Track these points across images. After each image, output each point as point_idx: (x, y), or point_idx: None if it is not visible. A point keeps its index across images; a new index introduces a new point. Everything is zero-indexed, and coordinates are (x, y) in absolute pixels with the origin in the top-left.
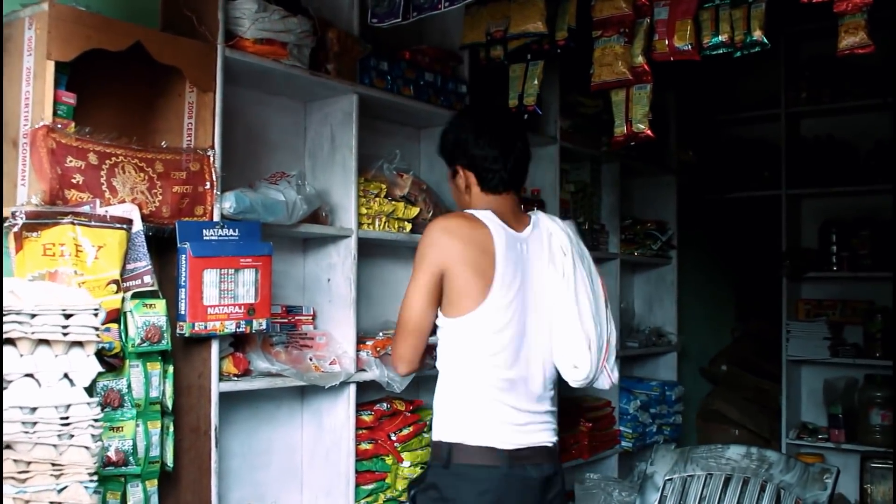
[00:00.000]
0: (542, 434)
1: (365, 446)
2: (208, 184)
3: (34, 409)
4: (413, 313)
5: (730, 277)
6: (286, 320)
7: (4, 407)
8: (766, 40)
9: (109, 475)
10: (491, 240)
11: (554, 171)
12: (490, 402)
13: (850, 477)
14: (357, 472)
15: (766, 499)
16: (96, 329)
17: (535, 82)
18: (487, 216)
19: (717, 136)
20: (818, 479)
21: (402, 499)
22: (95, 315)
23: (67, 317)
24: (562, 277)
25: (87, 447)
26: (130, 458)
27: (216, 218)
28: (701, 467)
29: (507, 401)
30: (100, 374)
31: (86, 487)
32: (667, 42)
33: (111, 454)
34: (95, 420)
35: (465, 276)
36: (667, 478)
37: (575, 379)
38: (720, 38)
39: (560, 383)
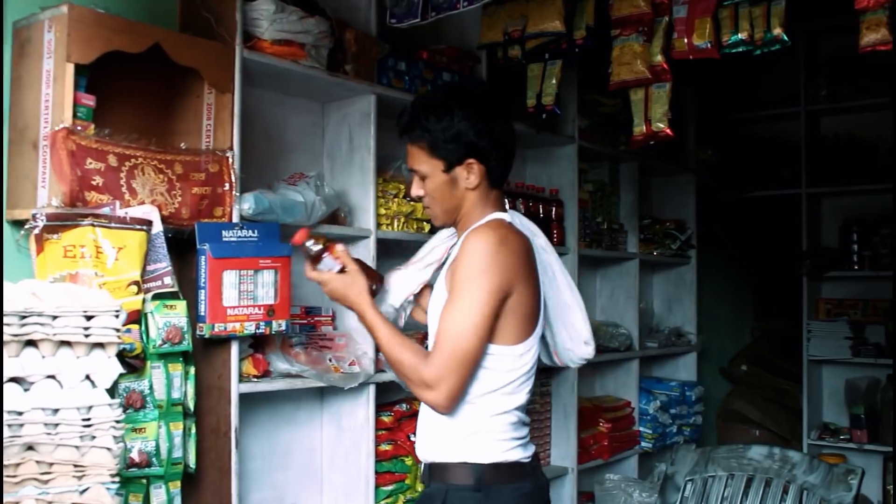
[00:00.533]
0: (532, 440)
1: (385, 447)
2: (227, 185)
3: (56, 411)
4: (477, 344)
5: (749, 277)
6: (305, 321)
7: (27, 408)
8: (786, 38)
9: (131, 477)
10: (532, 249)
11: (572, 170)
12: (516, 421)
13: (872, 478)
14: (377, 472)
15: (790, 500)
16: (117, 330)
17: (554, 82)
18: (512, 219)
19: (736, 135)
20: (842, 480)
21: None
22: (117, 316)
23: (89, 318)
24: (554, 260)
25: (108, 448)
26: (154, 460)
27: (235, 219)
28: (722, 468)
29: (522, 417)
30: (121, 375)
31: (108, 489)
32: (686, 40)
33: (134, 455)
34: (117, 421)
35: (527, 297)
36: (688, 478)
37: (586, 356)
38: (740, 35)
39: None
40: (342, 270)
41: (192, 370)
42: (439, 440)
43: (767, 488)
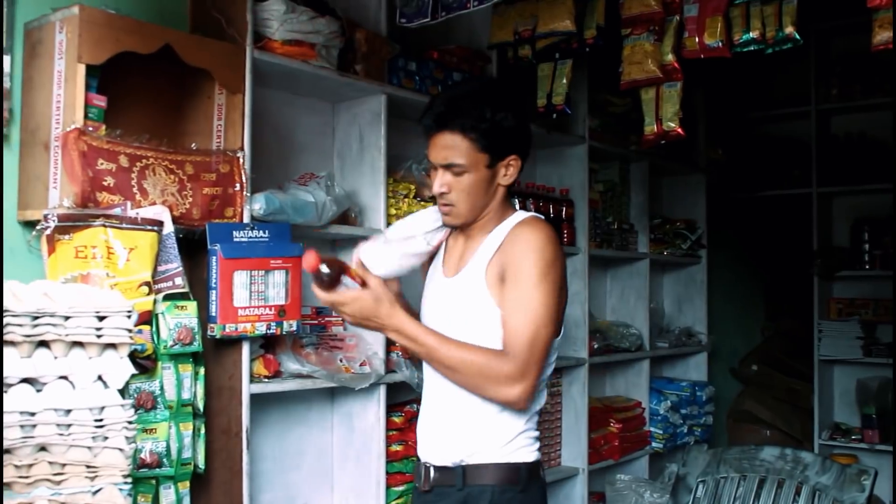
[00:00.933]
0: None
1: (395, 448)
2: (238, 185)
3: (69, 412)
4: (552, 335)
5: (760, 277)
6: (316, 321)
7: (39, 409)
8: (797, 36)
9: (141, 477)
10: None
11: (583, 170)
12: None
13: (884, 478)
14: (387, 473)
15: (802, 501)
16: (129, 331)
17: (564, 81)
18: None
19: (746, 134)
20: (855, 481)
21: None
22: (129, 317)
23: (101, 319)
24: None
25: (121, 449)
26: (164, 460)
27: (246, 219)
28: (734, 469)
29: None
30: (133, 375)
31: (120, 489)
32: (697, 39)
33: (145, 456)
34: (129, 422)
35: (566, 291)
36: (699, 479)
37: None
38: (751, 34)
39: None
40: (363, 285)
41: (203, 371)
42: (482, 441)
43: (780, 489)
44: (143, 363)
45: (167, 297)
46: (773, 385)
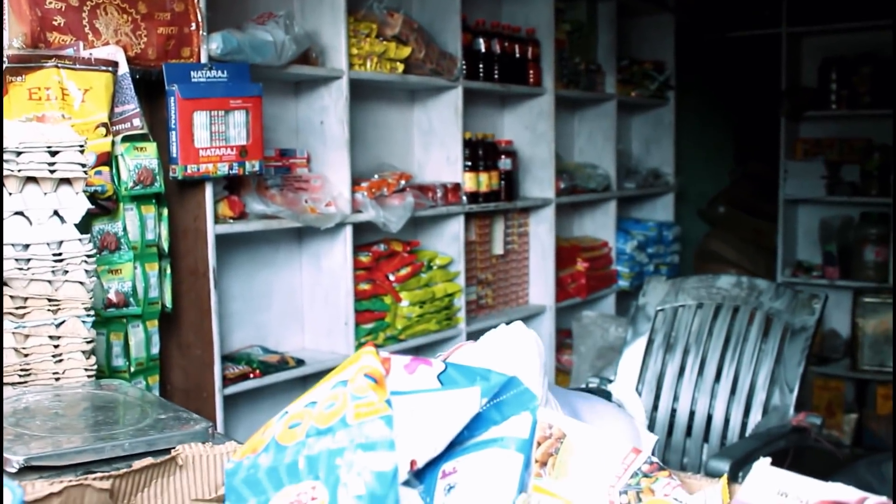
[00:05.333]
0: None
1: (363, 287)
2: (194, 25)
3: (27, 246)
4: None
5: (729, 119)
6: (280, 163)
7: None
8: None
9: (111, 317)
10: None
11: (549, 9)
12: None
13: (843, 312)
14: (356, 311)
15: (756, 325)
16: (83, 165)
17: None
18: None
19: None
20: (806, 305)
21: (402, 337)
22: (81, 151)
23: (53, 154)
24: None
25: (81, 282)
26: (131, 300)
27: (203, 59)
28: (692, 297)
29: None
30: (95, 217)
31: (83, 322)
32: None
33: (111, 296)
34: (88, 256)
35: None
36: (658, 308)
37: None
38: None
39: None
40: None
41: (166, 212)
42: None
43: (735, 315)
44: (104, 204)
45: (126, 139)
46: (739, 226)
